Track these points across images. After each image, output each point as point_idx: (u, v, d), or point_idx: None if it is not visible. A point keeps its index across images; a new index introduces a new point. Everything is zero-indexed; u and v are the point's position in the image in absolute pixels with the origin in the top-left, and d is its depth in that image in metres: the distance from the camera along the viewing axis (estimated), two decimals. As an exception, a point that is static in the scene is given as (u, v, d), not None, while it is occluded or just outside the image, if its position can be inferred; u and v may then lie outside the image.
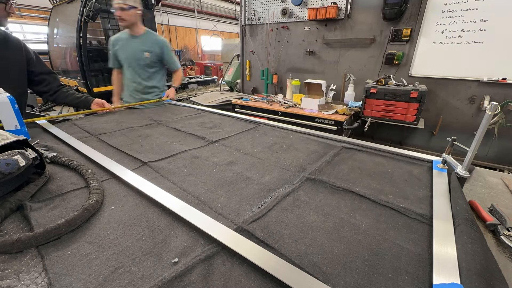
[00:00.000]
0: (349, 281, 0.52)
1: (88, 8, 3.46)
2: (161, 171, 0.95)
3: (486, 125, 0.78)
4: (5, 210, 0.68)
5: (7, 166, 0.68)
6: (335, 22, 3.07)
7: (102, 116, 1.76)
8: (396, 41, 2.75)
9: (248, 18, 3.80)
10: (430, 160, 1.08)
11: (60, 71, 4.67)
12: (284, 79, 3.68)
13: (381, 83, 2.72)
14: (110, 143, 1.22)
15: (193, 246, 0.60)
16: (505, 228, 0.66)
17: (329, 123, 2.68)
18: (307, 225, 0.68)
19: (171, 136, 1.35)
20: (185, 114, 1.83)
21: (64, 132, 1.30)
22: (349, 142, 1.29)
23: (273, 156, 1.12)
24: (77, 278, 0.51)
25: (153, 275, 0.52)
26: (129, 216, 0.70)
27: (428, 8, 2.54)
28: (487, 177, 1.01)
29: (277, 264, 0.53)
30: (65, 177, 0.89)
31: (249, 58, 4.05)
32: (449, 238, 0.62)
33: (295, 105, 3.06)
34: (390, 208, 0.76)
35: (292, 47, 3.54)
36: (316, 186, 0.88)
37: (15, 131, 1.11)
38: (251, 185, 0.87)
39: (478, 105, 2.55)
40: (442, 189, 0.84)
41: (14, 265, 0.54)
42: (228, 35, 12.80)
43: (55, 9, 4.46)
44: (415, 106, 2.51)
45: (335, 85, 3.28)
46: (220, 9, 11.53)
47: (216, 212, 0.73)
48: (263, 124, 1.61)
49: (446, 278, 0.50)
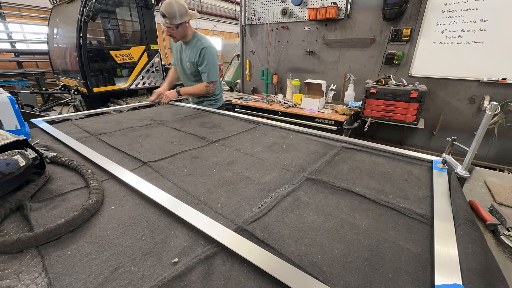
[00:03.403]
0: (349, 281, 0.52)
1: (88, 8, 3.46)
2: (161, 171, 0.95)
3: (486, 125, 0.78)
4: (5, 210, 0.68)
5: (7, 166, 0.68)
6: (335, 22, 3.07)
7: (102, 116, 1.76)
8: (396, 41, 2.75)
9: (248, 18, 3.80)
10: (430, 160, 1.08)
11: (60, 71, 4.67)
12: (284, 79, 3.68)
13: (381, 83, 2.72)
14: (110, 143, 1.22)
15: (193, 246, 0.60)
16: (505, 228, 0.66)
17: (329, 123, 2.68)
18: (307, 225, 0.68)
19: (171, 136, 1.35)
20: (185, 114, 1.83)
21: (64, 132, 1.30)
22: (349, 142, 1.29)
23: (273, 156, 1.12)
24: (77, 278, 0.51)
25: (153, 275, 0.52)
26: (129, 216, 0.70)
27: (428, 8, 2.54)
28: (487, 177, 1.01)
29: (277, 264, 0.53)
30: (65, 177, 0.89)
31: (249, 58, 4.05)
32: (450, 238, 0.62)
33: (295, 105, 3.06)
34: (390, 208, 0.76)
35: (292, 47, 3.54)
36: (316, 186, 0.88)
37: (15, 131, 1.11)
38: (251, 185, 0.87)
39: (478, 105, 2.55)
40: (442, 189, 0.84)
41: (14, 265, 0.54)
42: (228, 35, 12.80)
43: (55, 9, 4.46)
44: (415, 106, 2.51)
45: (335, 85, 3.29)
46: (220, 9, 11.52)
47: (216, 212, 0.73)
48: (263, 124, 1.61)
49: (447, 279, 0.50)
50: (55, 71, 4.84)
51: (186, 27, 1.99)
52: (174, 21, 1.90)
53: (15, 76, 5.97)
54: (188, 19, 1.96)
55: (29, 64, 6.76)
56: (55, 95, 4.90)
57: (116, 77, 4.24)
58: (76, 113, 2.13)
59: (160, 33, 9.58)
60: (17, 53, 6.47)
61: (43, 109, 4.52)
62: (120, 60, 4.16)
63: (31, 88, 5.65)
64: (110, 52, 4.05)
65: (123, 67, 4.25)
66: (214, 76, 2.10)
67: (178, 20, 1.90)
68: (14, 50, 6.40)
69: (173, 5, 1.87)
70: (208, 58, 2.04)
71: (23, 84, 5.86)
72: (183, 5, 1.92)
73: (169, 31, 1.97)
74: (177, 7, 1.88)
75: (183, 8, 1.91)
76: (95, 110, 2.15)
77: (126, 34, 4.46)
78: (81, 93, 4.10)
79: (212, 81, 2.11)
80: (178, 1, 1.90)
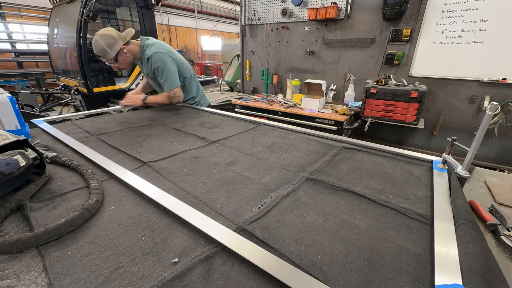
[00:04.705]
0: (349, 281, 0.52)
1: (88, 8, 3.46)
2: (161, 171, 0.95)
3: (486, 125, 0.78)
4: (5, 210, 0.68)
5: (7, 166, 0.68)
6: (335, 22, 3.07)
7: (102, 116, 1.76)
8: (396, 41, 2.75)
9: (248, 18, 3.80)
10: (430, 160, 1.08)
11: (60, 71, 4.67)
12: (284, 79, 3.68)
13: (381, 83, 2.72)
14: (110, 143, 1.22)
15: (193, 246, 0.60)
16: (505, 228, 0.66)
17: (329, 123, 2.68)
18: (307, 225, 0.68)
19: (171, 136, 1.35)
20: (185, 114, 1.83)
21: (64, 132, 1.30)
22: (349, 142, 1.29)
23: (273, 156, 1.12)
24: (77, 278, 0.51)
25: (153, 275, 0.52)
26: (129, 216, 0.70)
27: (428, 8, 2.54)
28: (487, 177, 1.01)
29: (277, 264, 0.53)
30: (65, 177, 0.89)
31: (249, 58, 4.05)
32: (450, 238, 0.62)
33: (295, 105, 3.06)
34: (390, 208, 0.76)
35: (292, 47, 3.54)
36: (316, 186, 0.88)
37: (15, 131, 1.11)
38: (251, 185, 0.87)
39: (478, 105, 2.55)
40: (442, 189, 0.84)
41: (14, 265, 0.54)
42: (228, 35, 12.80)
43: (55, 9, 4.46)
44: (415, 106, 2.51)
45: (335, 85, 3.29)
46: (220, 9, 11.53)
47: (216, 212, 0.73)
48: (263, 124, 1.61)
49: (448, 279, 0.50)
50: (55, 71, 4.84)
51: (126, 54, 1.82)
52: (108, 56, 1.76)
53: (15, 76, 5.98)
54: (121, 45, 1.78)
55: (29, 64, 6.76)
56: (55, 95, 4.91)
57: (116, 77, 4.24)
58: (76, 113, 2.13)
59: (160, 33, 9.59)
60: (17, 53, 6.47)
61: (43, 109, 4.52)
62: (120, 60, 4.16)
63: (31, 88, 5.65)
64: (110, 52, 4.04)
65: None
66: (171, 84, 1.89)
67: (111, 53, 1.76)
68: (14, 50, 6.41)
69: (98, 42, 1.72)
70: (158, 67, 1.84)
71: (23, 84, 5.87)
72: (108, 35, 1.73)
73: (113, 67, 1.85)
74: (103, 42, 1.72)
75: (109, 39, 1.73)
76: (95, 110, 2.15)
77: (126, 34, 4.46)
78: (81, 93, 4.10)
79: (171, 89, 1.90)
80: (103, 34, 1.73)
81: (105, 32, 1.75)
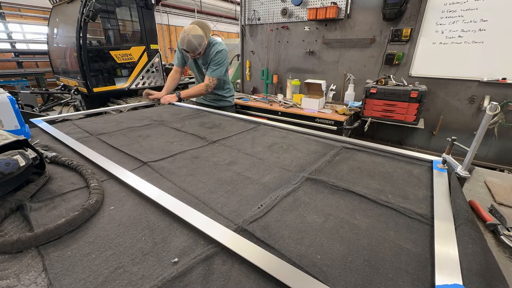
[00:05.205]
0: (349, 281, 0.52)
1: (88, 8, 3.45)
2: (161, 171, 0.95)
3: (486, 125, 0.78)
4: (5, 210, 0.68)
5: (7, 166, 0.68)
6: (335, 22, 3.07)
7: (102, 116, 1.76)
8: (396, 41, 2.75)
9: (248, 18, 3.80)
10: (430, 160, 1.08)
11: (60, 71, 4.67)
12: (284, 79, 3.68)
13: (381, 83, 2.72)
14: (110, 143, 1.22)
15: (193, 246, 0.60)
16: (505, 228, 0.66)
17: (329, 123, 2.68)
18: (307, 225, 0.68)
19: (171, 136, 1.35)
20: (185, 114, 1.83)
21: (64, 132, 1.30)
22: (349, 142, 1.29)
23: (273, 156, 1.12)
24: (77, 278, 0.51)
25: (153, 275, 0.52)
26: (129, 216, 0.70)
27: (428, 8, 2.54)
28: (487, 177, 1.01)
29: (277, 264, 0.53)
30: (65, 177, 0.89)
31: (249, 58, 4.05)
32: (450, 238, 0.62)
33: (295, 105, 3.06)
34: (390, 208, 0.76)
35: (292, 47, 3.53)
36: (316, 186, 0.88)
37: (15, 131, 1.11)
38: (251, 185, 0.87)
39: (478, 105, 2.55)
40: (442, 189, 0.84)
41: (14, 265, 0.54)
42: (228, 35, 12.79)
43: (55, 9, 4.46)
44: (415, 106, 2.51)
45: (335, 85, 3.28)
46: (220, 9, 11.52)
47: (216, 212, 0.73)
48: (263, 124, 1.61)
49: (448, 279, 0.50)
50: (55, 71, 4.84)
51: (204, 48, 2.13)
52: (197, 52, 2.08)
53: (15, 76, 5.97)
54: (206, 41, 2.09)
55: (29, 64, 6.75)
56: (55, 95, 4.90)
57: (116, 77, 4.24)
58: (76, 113, 2.14)
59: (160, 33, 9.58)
60: (17, 53, 6.46)
61: (43, 109, 4.52)
62: (120, 60, 4.16)
63: (31, 88, 5.65)
64: (110, 52, 4.04)
65: (123, 67, 4.25)
66: (218, 73, 2.23)
67: (200, 49, 2.07)
68: (14, 50, 6.40)
69: (192, 42, 2.00)
70: (220, 59, 2.20)
71: (23, 84, 5.86)
72: (199, 35, 2.02)
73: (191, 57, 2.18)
74: (196, 41, 2.01)
75: (200, 38, 2.02)
76: (95, 110, 2.15)
77: (126, 34, 4.46)
78: (81, 93, 4.10)
79: (215, 77, 2.23)
80: (195, 34, 1.99)
81: (196, 32, 2.01)
